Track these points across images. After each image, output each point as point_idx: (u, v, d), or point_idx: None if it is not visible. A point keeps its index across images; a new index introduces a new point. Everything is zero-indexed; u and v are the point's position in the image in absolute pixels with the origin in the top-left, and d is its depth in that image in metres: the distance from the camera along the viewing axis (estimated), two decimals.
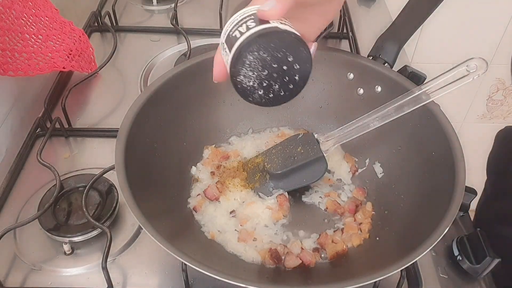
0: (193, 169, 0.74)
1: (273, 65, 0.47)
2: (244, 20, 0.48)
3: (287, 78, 0.48)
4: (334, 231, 0.67)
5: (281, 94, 0.50)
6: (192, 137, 0.75)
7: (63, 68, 0.85)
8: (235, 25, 0.48)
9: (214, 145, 0.77)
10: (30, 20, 0.81)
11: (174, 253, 0.51)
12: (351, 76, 0.76)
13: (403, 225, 0.64)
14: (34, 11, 0.82)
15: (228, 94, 0.77)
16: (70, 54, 0.86)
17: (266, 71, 0.47)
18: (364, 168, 0.76)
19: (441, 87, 0.61)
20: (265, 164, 0.71)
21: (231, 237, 0.65)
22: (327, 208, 0.70)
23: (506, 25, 1.48)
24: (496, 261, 0.61)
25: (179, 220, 0.66)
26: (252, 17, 0.47)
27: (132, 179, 0.57)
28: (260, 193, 0.70)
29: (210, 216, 0.68)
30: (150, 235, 0.51)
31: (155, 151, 0.67)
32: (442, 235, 0.52)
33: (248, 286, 0.48)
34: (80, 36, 0.91)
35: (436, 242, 0.51)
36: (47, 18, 0.85)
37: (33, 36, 0.81)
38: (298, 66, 0.47)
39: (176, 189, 0.70)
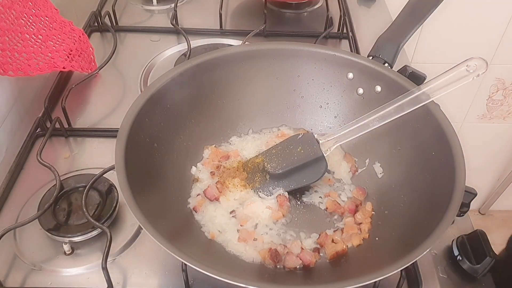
0: (193, 169, 0.74)
1: None
2: None
3: None
4: (334, 231, 0.67)
5: None
6: (192, 137, 0.75)
7: (63, 68, 0.85)
8: None
9: (214, 145, 0.77)
10: (30, 20, 0.81)
11: (174, 253, 0.50)
12: (351, 76, 0.76)
13: (403, 225, 0.64)
14: (34, 11, 0.82)
15: (228, 94, 0.77)
16: (70, 54, 0.86)
17: None
18: (364, 168, 0.76)
19: (441, 87, 0.61)
20: (265, 164, 0.71)
21: (232, 237, 0.65)
22: (327, 208, 0.70)
23: (506, 25, 1.48)
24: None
25: (179, 220, 0.66)
26: None
27: (132, 179, 0.57)
28: (260, 193, 0.70)
29: (210, 216, 0.67)
30: (150, 235, 0.51)
31: (155, 151, 0.67)
32: (442, 235, 0.52)
33: (248, 286, 0.48)
34: (80, 36, 0.91)
35: (435, 242, 0.51)
36: (47, 18, 0.85)
37: (33, 36, 0.81)
38: None
39: (176, 189, 0.69)
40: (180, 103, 0.72)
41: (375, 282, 0.57)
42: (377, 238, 0.66)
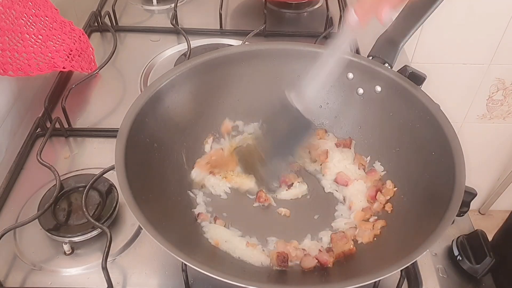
0: (194, 173, 0.73)
1: None
2: None
3: None
4: (349, 227, 0.66)
5: None
6: (192, 137, 0.74)
7: (63, 68, 0.85)
8: None
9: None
10: (30, 20, 0.81)
11: (174, 253, 0.50)
12: (351, 76, 0.76)
13: (403, 225, 0.64)
14: (34, 11, 0.82)
15: (228, 94, 0.77)
16: (70, 54, 0.86)
17: None
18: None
19: None
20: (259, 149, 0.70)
21: (238, 243, 0.64)
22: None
23: (506, 25, 1.48)
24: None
25: (181, 221, 0.66)
26: None
27: (132, 180, 0.57)
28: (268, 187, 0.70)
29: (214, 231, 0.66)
30: (151, 236, 0.51)
31: (155, 151, 0.67)
32: (442, 235, 0.52)
33: (247, 286, 0.48)
34: (80, 36, 0.91)
35: (435, 243, 0.51)
36: (47, 18, 0.85)
37: (33, 36, 0.81)
38: None
39: (176, 190, 0.69)
40: (180, 103, 0.72)
41: (375, 282, 0.56)
42: (375, 239, 0.65)
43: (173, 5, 1.11)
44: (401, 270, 0.56)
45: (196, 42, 1.03)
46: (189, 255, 0.51)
